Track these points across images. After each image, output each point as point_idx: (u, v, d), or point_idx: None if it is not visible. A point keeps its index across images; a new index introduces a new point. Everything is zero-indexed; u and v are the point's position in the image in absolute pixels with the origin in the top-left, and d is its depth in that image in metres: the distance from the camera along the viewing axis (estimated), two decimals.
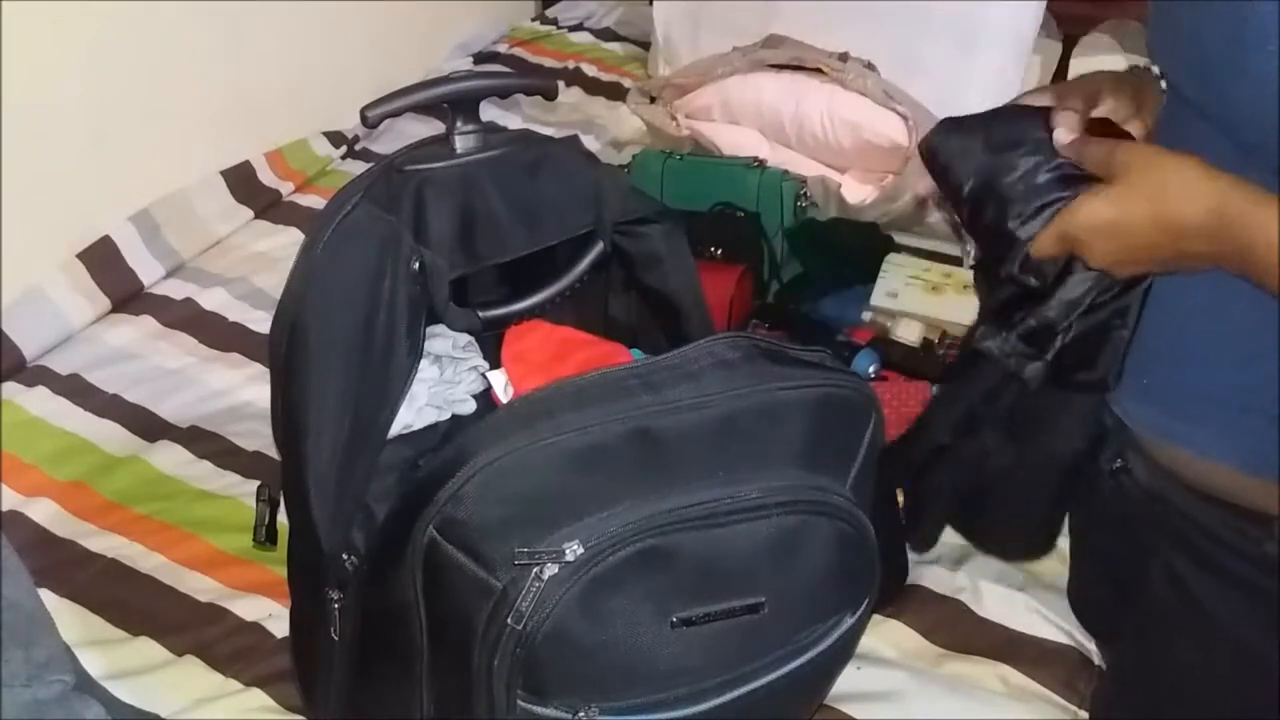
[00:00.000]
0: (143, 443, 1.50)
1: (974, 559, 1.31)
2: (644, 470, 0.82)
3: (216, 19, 1.88)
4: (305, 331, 0.91)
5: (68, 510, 1.39)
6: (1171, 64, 0.83)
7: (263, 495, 1.02)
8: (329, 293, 0.91)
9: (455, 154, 0.96)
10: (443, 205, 0.94)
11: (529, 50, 2.50)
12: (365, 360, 0.91)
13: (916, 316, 1.61)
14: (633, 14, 2.59)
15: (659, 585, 0.81)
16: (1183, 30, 0.78)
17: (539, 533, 0.80)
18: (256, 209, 1.96)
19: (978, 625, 1.25)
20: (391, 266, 0.91)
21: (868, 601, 0.92)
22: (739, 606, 0.83)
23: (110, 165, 1.77)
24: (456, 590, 0.82)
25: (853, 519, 0.87)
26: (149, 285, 1.78)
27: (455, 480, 0.80)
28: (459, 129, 0.96)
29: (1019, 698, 1.17)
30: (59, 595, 1.26)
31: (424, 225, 0.94)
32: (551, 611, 0.79)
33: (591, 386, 0.84)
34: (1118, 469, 0.89)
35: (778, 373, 0.87)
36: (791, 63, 1.97)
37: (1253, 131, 0.73)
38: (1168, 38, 0.82)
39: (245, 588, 1.28)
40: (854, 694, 1.15)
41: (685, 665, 0.84)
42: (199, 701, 1.16)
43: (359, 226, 0.92)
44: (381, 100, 0.94)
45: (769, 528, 0.84)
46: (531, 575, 0.79)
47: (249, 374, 1.61)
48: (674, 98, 2.06)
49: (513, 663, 0.80)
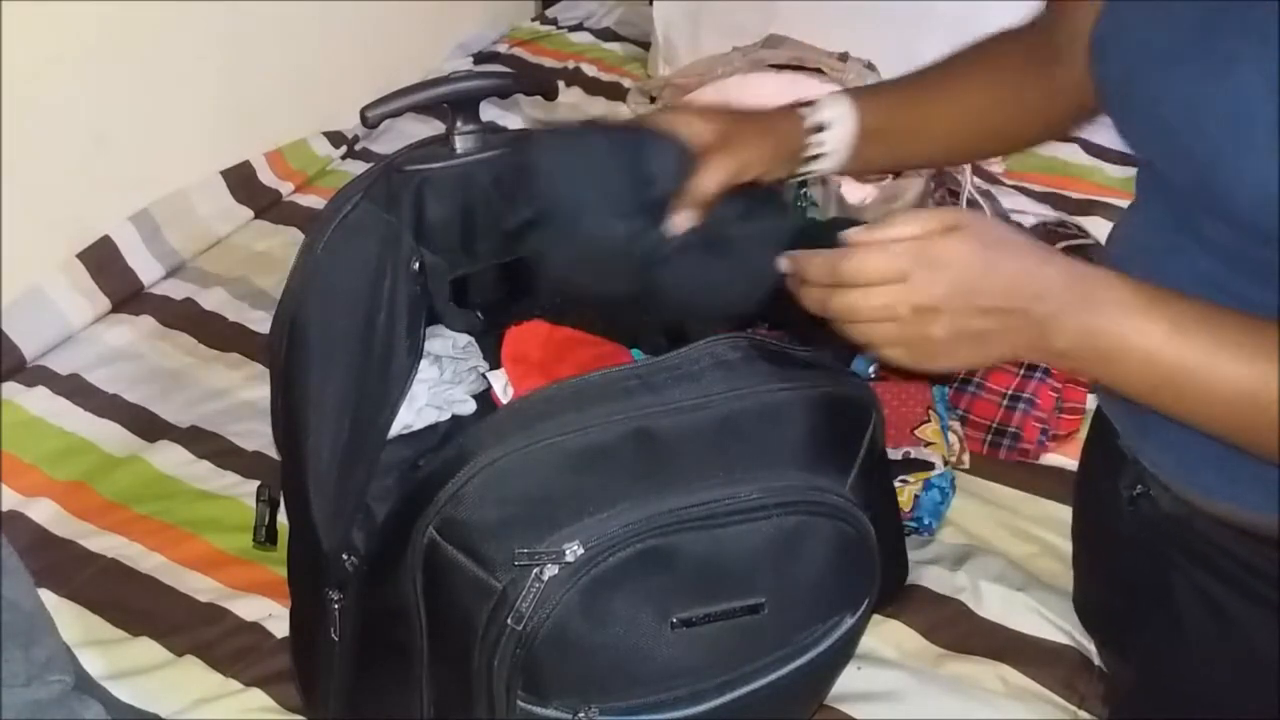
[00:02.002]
0: (143, 443, 1.50)
1: (974, 559, 1.32)
2: (644, 471, 0.82)
3: (216, 19, 1.87)
4: (305, 332, 0.90)
5: (68, 510, 1.39)
6: (1162, 157, 0.80)
7: (262, 495, 1.02)
8: (329, 293, 0.91)
9: (455, 154, 0.96)
10: (443, 205, 0.94)
11: (529, 50, 2.50)
12: (365, 361, 0.91)
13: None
14: (633, 14, 2.59)
15: (659, 586, 0.81)
16: (1173, 125, 0.75)
17: (539, 533, 0.80)
18: (256, 209, 1.95)
19: (978, 625, 1.25)
20: (391, 267, 0.91)
21: (868, 602, 0.92)
22: (739, 607, 0.83)
23: (110, 165, 1.77)
24: (456, 591, 0.82)
25: (853, 519, 0.87)
26: (149, 285, 1.78)
27: (455, 481, 0.80)
28: (459, 129, 0.96)
29: (1019, 698, 1.17)
30: (59, 595, 1.26)
31: (424, 225, 0.94)
32: (552, 612, 0.79)
33: (591, 387, 0.84)
34: (1138, 495, 0.89)
35: (778, 373, 0.87)
36: (791, 63, 1.97)
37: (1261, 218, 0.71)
38: (1153, 129, 0.79)
39: (245, 588, 1.28)
40: (854, 694, 1.15)
41: (685, 666, 0.84)
42: (199, 701, 1.16)
43: (359, 226, 0.91)
44: (381, 101, 0.93)
45: (769, 528, 0.84)
46: (532, 576, 0.79)
47: (249, 374, 1.61)
48: (674, 98, 2.05)
49: (513, 663, 0.80)
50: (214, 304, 1.75)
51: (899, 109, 0.97)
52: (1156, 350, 0.70)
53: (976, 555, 1.32)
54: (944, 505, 1.38)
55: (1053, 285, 0.70)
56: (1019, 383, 1.50)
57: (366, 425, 0.91)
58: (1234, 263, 0.76)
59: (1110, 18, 0.83)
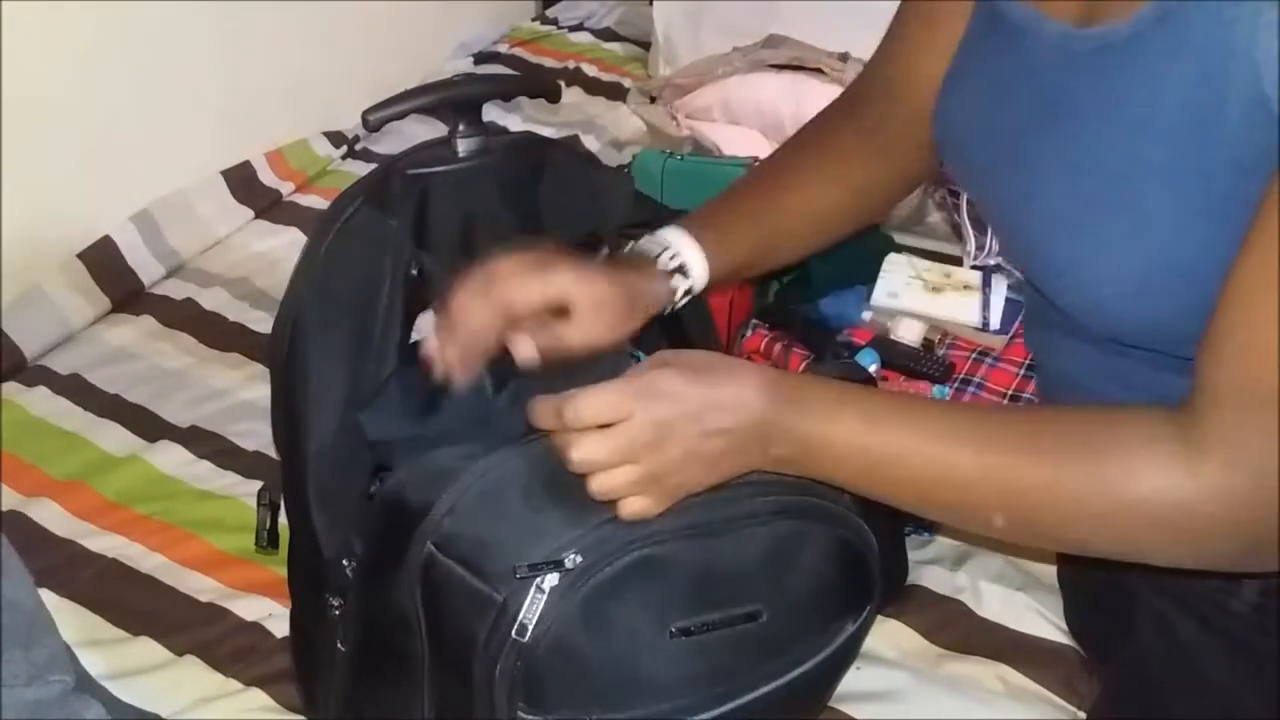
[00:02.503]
0: (143, 443, 1.50)
1: (974, 559, 1.32)
2: None
3: (217, 18, 1.87)
4: (305, 336, 0.90)
5: (68, 510, 1.39)
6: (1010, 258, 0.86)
7: (263, 499, 1.02)
8: (328, 298, 0.91)
9: (457, 157, 0.95)
10: (444, 209, 0.94)
11: (529, 50, 2.50)
12: (361, 367, 0.90)
13: (916, 316, 1.61)
14: (633, 14, 2.59)
15: (657, 595, 0.81)
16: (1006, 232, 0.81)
17: (538, 544, 0.80)
18: (257, 209, 1.95)
19: (978, 625, 1.25)
20: (391, 271, 0.91)
21: (869, 609, 0.92)
22: (737, 615, 0.83)
23: (110, 165, 1.77)
24: (456, 604, 0.82)
25: (852, 525, 0.87)
26: (149, 285, 1.78)
27: (450, 494, 0.80)
28: (461, 132, 0.95)
29: (1019, 698, 1.17)
30: (59, 595, 1.25)
31: (425, 229, 0.94)
32: (553, 623, 0.78)
33: None
34: None
35: None
36: (791, 63, 1.97)
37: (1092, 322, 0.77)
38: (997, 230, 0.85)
39: (245, 588, 1.28)
40: (854, 694, 1.15)
41: (685, 675, 0.84)
42: (199, 701, 1.16)
43: (359, 231, 0.91)
44: (383, 104, 0.93)
45: (766, 535, 0.83)
46: (532, 587, 0.79)
47: (249, 374, 1.61)
48: (674, 98, 2.06)
49: (514, 674, 0.80)
50: (214, 304, 1.75)
51: (745, 235, 1.00)
52: (854, 438, 0.76)
53: (976, 555, 1.32)
54: None
55: (764, 397, 0.76)
56: (1019, 383, 1.50)
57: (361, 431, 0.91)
58: (1125, 355, 0.81)
59: (942, 122, 0.88)
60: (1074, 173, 0.77)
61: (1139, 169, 0.74)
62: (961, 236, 1.83)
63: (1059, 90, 0.78)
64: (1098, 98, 0.75)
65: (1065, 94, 0.78)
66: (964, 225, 1.82)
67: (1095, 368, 0.83)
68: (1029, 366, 1.52)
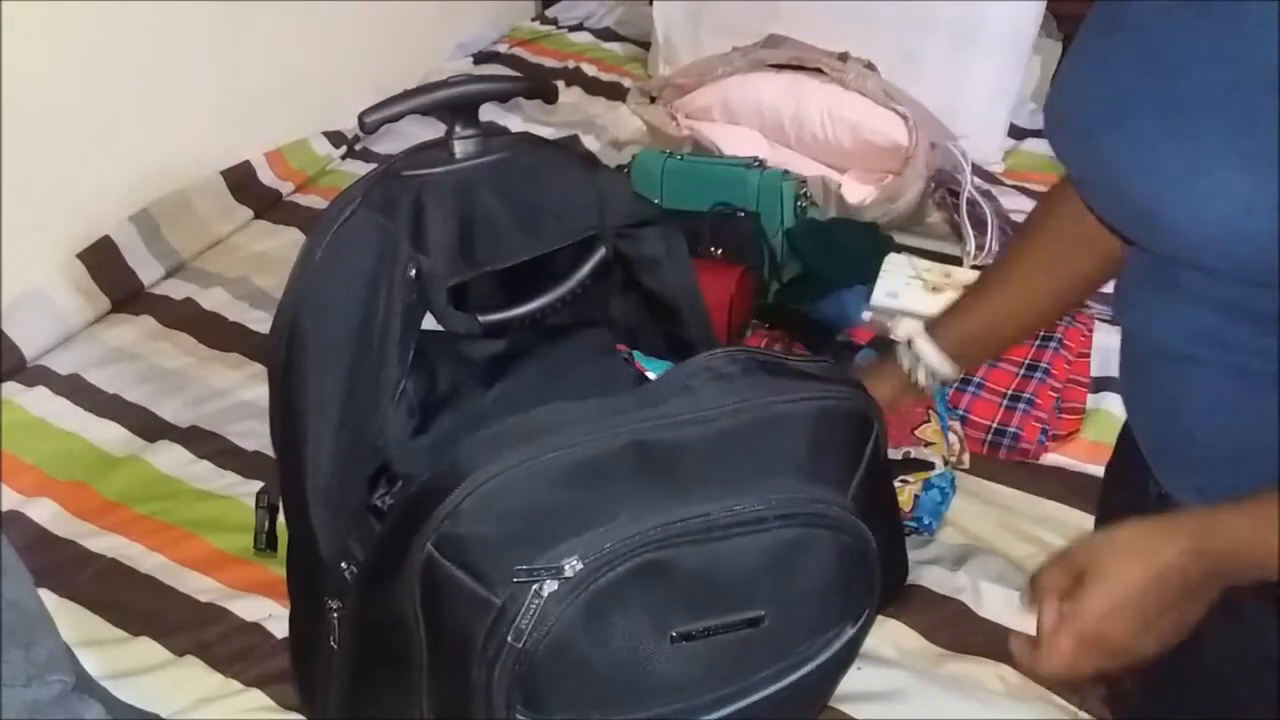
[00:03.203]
0: (143, 443, 1.50)
1: (974, 559, 1.32)
2: (642, 484, 0.81)
3: (216, 18, 1.88)
4: (303, 339, 0.90)
5: (68, 510, 1.39)
6: (1121, 220, 0.84)
7: (262, 501, 1.02)
8: (325, 301, 0.91)
9: (455, 159, 0.95)
10: (442, 211, 0.94)
11: (529, 50, 2.51)
12: (359, 369, 0.90)
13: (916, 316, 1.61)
14: (633, 14, 2.59)
15: (658, 600, 0.81)
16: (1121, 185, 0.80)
17: (538, 549, 0.79)
18: (256, 209, 1.96)
19: (978, 625, 1.25)
20: (387, 274, 0.90)
21: (868, 613, 0.91)
22: (739, 620, 0.83)
23: (110, 165, 1.77)
24: (455, 607, 0.81)
25: (853, 530, 0.87)
26: (149, 285, 1.79)
27: (452, 497, 0.79)
28: (458, 133, 0.95)
29: (1019, 698, 1.17)
30: (59, 595, 1.26)
31: (423, 231, 0.93)
32: (551, 628, 0.78)
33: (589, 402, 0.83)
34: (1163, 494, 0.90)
35: (777, 386, 0.86)
36: (791, 63, 1.97)
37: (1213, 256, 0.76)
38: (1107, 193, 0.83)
39: (245, 588, 1.29)
40: (854, 694, 1.15)
41: (685, 680, 0.84)
42: (199, 701, 1.16)
43: (356, 234, 0.91)
44: (380, 105, 0.93)
45: (768, 540, 0.83)
46: (531, 592, 0.78)
47: (249, 374, 1.61)
48: (674, 98, 2.06)
49: (512, 678, 0.80)
50: (214, 304, 1.75)
51: (978, 331, 1.07)
52: None
53: (976, 555, 1.32)
54: (944, 505, 1.38)
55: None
56: (1019, 383, 1.50)
57: (359, 434, 0.91)
58: (1225, 310, 0.80)
59: (1055, 93, 0.87)
60: (1176, 99, 0.77)
61: (1247, 77, 0.73)
62: (961, 236, 1.83)
63: (1163, 37, 0.78)
64: (1202, 31, 0.76)
65: (1168, 39, 0.78)
66: (964, 225, 1.82)
67: (1195, 328, 0.83)
68: (1029, 367, 1.52)
